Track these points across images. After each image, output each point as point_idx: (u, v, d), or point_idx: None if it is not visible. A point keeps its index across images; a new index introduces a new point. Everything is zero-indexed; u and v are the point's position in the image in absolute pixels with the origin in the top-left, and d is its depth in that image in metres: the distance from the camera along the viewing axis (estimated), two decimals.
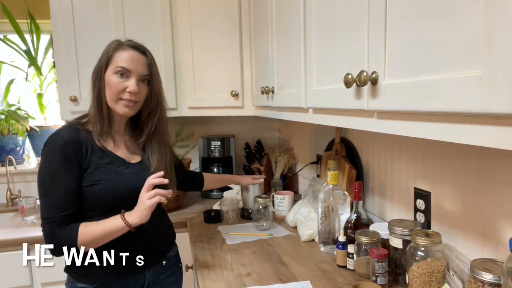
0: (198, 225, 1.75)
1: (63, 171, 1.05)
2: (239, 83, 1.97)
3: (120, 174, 1.13)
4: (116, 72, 1.10)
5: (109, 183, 1.09)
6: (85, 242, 1.03)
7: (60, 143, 1.06)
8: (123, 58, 1.11)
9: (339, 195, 1.35)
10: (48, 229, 1.05)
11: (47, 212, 1.05)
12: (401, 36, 0.68)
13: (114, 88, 1.10)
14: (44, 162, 1.08)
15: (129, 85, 1.10)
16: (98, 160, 1.10)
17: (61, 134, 1.09)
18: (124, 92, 1.11)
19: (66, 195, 1.05)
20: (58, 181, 1.05)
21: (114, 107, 1.12)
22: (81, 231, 1.03)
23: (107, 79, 1.11)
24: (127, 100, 1.11)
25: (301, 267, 1.26)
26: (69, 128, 1.12)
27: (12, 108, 2.44)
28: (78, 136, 1.09)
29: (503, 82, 0.47)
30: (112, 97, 1.11)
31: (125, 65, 1.10)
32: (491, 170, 0.91)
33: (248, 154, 2.21)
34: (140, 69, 1.13)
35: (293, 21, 1.22)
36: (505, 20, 0.46)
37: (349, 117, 0.92)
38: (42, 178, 1.07)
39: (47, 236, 1.05)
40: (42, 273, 1.71)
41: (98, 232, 1.04)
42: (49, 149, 1.07)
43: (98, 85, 1.13)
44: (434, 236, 0.98)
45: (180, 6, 1.98)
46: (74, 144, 1.07)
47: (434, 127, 0.63)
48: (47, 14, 1.92)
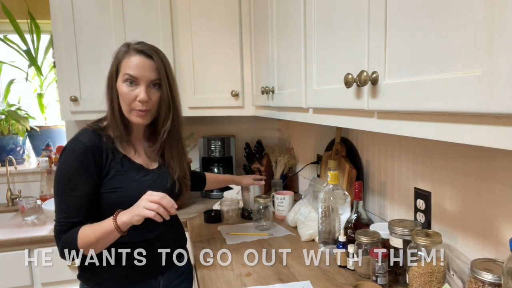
0: (198, 225, 1.75)
1: (80, 178, 1.04)
2: (239, 83, 1.97)
3: (138, 182, 1.11)
4: (124, 80, 1.07)
5: (127, 191, 1.08)
6: (86, 246, 1.02)
7: (80, 149, 1.04)
8: (129, 65, 1.06)
9: (339, 195, 1.35)
10: (56, 233, 1.06)
11: (58, 214, 1.06)
12: (401, 35, 0.68)
13: (125, 98, 1.07)
14: (62, 167, 1.06)
15: (139, 94, 1.06)
16: (117, 166, 1.09)
17: (81, 139, 1.06)
18: (135, 102, 1.07)
19: (79, 202, 1.04)
20: (73, 188, 1.03)
21: (129, 117, 1.10)
22: (80, 235, 1.02)
23: (119, 89, 1.08)
24: (138, 110, 1.08)
25: (301, 267, 1.26)
26: (90, 133, 1.09)
27: (12, 108, 2.44)
28: (99, 142, 1.08)
29: (504, 81, 0.47)
30: (125, 107, 1.09)
31: (131, 73, 1.06)
32: (491, 170, 0.91)
33: (248, 154, 2.21)
34: (148, 75, 1.07)
35: (293, 21, 1.22)
36: (506, 19, 0.46)
37: (349, 117, 0.92)
38: (58, 182, 1.05)
39: (55, 239, 1.06)
40: (43, 273, 1.72)
41: (94, 235, 1.02)
42: (68, 154, 1.05)
43: (110, 94, 1.10)
44: (434, 236, 0.98)
45: (180, 6, 1.98)
46: (94, 150, 1.05)
47: (435, 127, 0.63)
48: (47, 14, 1.92)
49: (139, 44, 1.10)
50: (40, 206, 1.95)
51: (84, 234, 1.02)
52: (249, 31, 1.91)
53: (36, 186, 2.30)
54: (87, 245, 1.02)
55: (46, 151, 2.37)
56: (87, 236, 1.02)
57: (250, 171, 2.14)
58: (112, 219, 1.01)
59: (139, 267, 1.12)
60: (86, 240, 1.02)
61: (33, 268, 1.71)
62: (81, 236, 1.02)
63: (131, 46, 1.09)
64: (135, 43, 1.10)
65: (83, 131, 1.10)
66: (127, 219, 1.00)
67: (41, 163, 2.17)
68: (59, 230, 1.04)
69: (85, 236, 1.02)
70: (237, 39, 1.95)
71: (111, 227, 1.00)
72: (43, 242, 1.69)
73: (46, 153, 2.35)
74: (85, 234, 1.02)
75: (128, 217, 1.01)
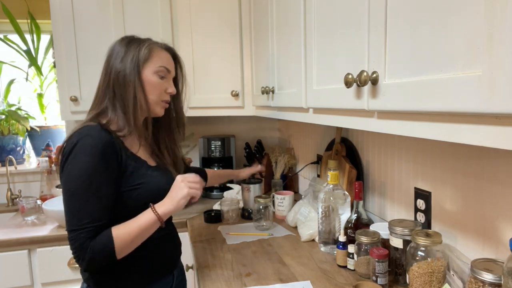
0: (198, 225, 1.75)
1: (104, 177, 0.96)
2: (239, 83, 1.97)
3: (152, 177, 1.08)
4: (157, 71, 1.08)
5: (148, 186, 1.05)
6: (123, 247, 0.95)
7: (98, 145, 0.95)
8: (162, 58, 1.10)
9: (339, 195, 1.35)
10: (80, 241, 0.93)
11: (77, 223, 0.93)
12: (401, 35, 0.68)
13: (156, 89, 1.08)
14: (79, 166, 0.94)
15: (170, 87, 1.12)
16: (132, 163, 1.04)
17: (96, 135, 0.97)
18: (164, 94, 1.11)
19: (104, 203, 0.96)
20: (97, 188, 0.94)
21: (154, 109, 1.10)
22: (116, 237, 0.94)
23: (147, 79, 1.06)
24: (165, 101, 1.12)
25: (301, 267, 1.26)
26: (100, 129, 0.99)
27: (12, 108, 2.44)
28: (111, 138, 1.00)
29: (504, 81, 0.47)
30: (155, 98, 1.08)
31: (168, 66, 1.10)
32: (491, 170, 0.91)
33: (249, 154, 2.21)
34: (173, 71, 1.15)
35: (293, 21, 1.23)
36: (506, 19, 0.46)
37: (349, 117, 0.92)
38: (77, 184, 0.94)
39: (79, 250, 0.93)
40: (43, 273, 1.72)
41: (133, 232, 0.96)
42: (85, 152, 0.94)
43: (134, 86, 1.03)
44: (435, 236, 0.98)
45: (180, 6, 1.98)
46: (111, 146, 0.98)
47: (435, 127, 0.63)
48: (47, 14, 1.92)
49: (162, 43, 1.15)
50: (40, 206, 1.95)
51: (120, 235, 0.94)
52: (249, 31, 1.91)
53: (36, 186, 2.30)
54: (125, 246, 0.96)
55: (46, 151, 2.37)
56: (124, 235, 0.95)
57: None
58: (152, 211, 0.99)
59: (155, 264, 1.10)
60: (124, 240, 0.95)
61: (33, 268, 1.71)
62: (118, 238, 0.94)
63: (149, 41, 1.11)
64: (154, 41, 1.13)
65: (89, 127, 0.99)
66: (169, 207, 1.00)
67: (41, 163, 2.17)
68: (85, 237, 0.92)
69: (123, 236, 0.95)
70: (237, 39, 1.95)
71: (152, 219, 0.98)
72: (43, 242, 1.69)
73: (46, 153, 2.35)
74: (121, 234, 0.95)
75: (169, 205, 1.01)
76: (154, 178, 1.09)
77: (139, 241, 1.00)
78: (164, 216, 1.01)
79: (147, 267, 1.09)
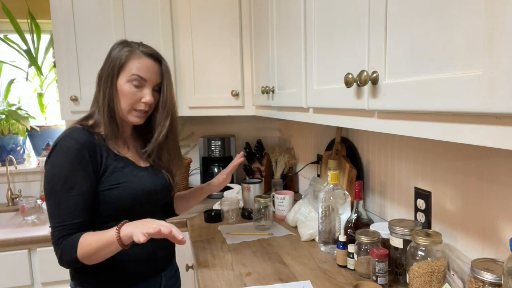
0: (198, 224, 1.75)
1: (78, 176, 0.99)
2: (239, 82, 1.97)
3: (137, 177, 1.10)
4: (130, 80, 1.06)
5: (129, 186, 1.06)
6: (86, 256, 0.96)
7: (74, 146, 1.00)
8: (138, 66, 1.06)
9: (339, 194, 1.35)
10: (55, 239, 0.98)
11: (55, 220, 0.98)
12: (401, 35, 0.68)
13: (129, 98, 1.07)
14: (56, 166, 0.99)
15: (145, 96, 1.08)
16: (114, 163, 1.06)
17: (75, 137, 1.01)
18: (139, 103, 1.08)
19: (79, 202, 0.99)
20: (71, 187, 0.98)
21: (126, 116, 1.10)
22: (80, 244, 0.96)
23: (120, 87, 1.07)
24: (140, 111, 1.09)
25: (301, 266, 1.26)
26: (81, 131, 1.05)
27: (12, 108, 2.44)
28: (92, 139, 1.04)
29: (504, 81, 0.47)
30: (126, 107, 1.08)
31: (142, 75, 1.07)
32: (491, 169, 0.91)
33: (249, 153, 2.21)
34: (154, 79, 1.10)
35: (293, 20, 1.22)
36: (506, 19, 0.46)
37: (349, 116, 0.92)
38: (52, 183, 0.99)
39: (54, 246, 0.99)
40: (43, 273, 1.72)
41: (94, 243, 0.95)
42: (62, 152, 1.00)
43: (109, 92, 1.07)
44: (435, 235, 0.98)
45: (180, 5, 1.98)
46: (89, 147, 1.02)
47: (435, 126, 0.63)
48: (47, 14, 1.92)
49: (144, 47, 1.11)
50: (41, 205, 1.96)
51: (85, 243, 0.96)
52: (249, 31, 1.91)
53: (36, 186, 2.30)
54: (87, 255, 0.96)
55: (46, 150, 2.37)
56: (88, 245, 0.95)
57: (250, 171, 2.14)
58: (116, 229, 0.94)
59: (140, 266, 1.10)
60: (86, 249, 0.95)
61: (33, 268, 1.71)
62: (82, 244, 0.96)
63: (135, 47, 1.10)
64: (139, 45, 1.11)
65: (72, 129, 1.05)
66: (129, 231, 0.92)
67: (41, 162, 2.18)
68: (58, 235, 0.98)
69: (86, 245, 0.96)
70: (238, 39, 1.95)
71: (112, 239, 0.93)
72: (43, 242, 1.69)
73: (46, 153, 2.35)
74: (87, 242, 0.96)
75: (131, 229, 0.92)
76: (139, 178, 1.10)
77: (102, 254, 0.96)
78: (125, 239, 0.93)
79: (130, 267, 1.09)
